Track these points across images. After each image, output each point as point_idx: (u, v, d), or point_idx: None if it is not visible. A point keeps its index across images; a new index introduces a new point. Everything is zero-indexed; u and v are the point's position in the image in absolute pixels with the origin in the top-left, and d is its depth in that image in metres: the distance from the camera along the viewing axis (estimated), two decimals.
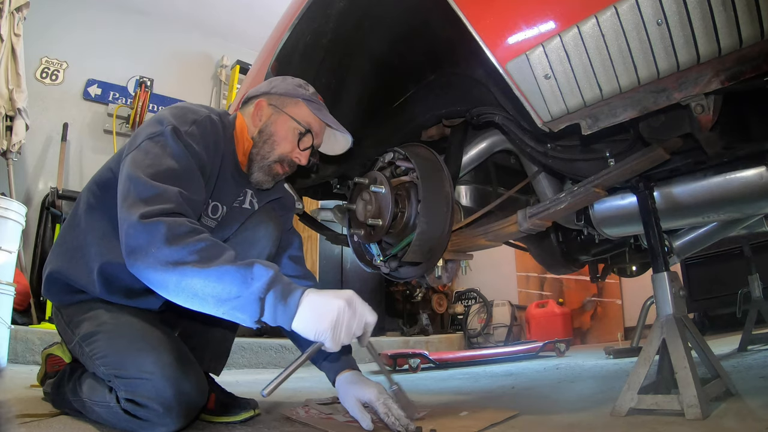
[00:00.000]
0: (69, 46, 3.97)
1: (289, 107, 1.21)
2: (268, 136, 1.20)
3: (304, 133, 1.21)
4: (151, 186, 0.94)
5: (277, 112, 1.21)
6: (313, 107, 1.22)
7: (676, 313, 1.11)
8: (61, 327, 1.21)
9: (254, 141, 1.21)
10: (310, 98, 1.23)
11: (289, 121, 1.20)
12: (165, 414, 0.99)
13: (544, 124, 1.00)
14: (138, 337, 1.06)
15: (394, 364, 2.78)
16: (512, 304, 4.81)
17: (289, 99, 1.22)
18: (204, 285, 0.86)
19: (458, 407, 1.35)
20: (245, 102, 1.26)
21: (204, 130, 1.09)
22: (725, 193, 1.23)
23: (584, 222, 1.53)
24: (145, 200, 0.92)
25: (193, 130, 1.07)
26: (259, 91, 1.25)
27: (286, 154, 1.21)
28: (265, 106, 1.22)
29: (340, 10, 1.28)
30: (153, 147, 1.01)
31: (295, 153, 1.21)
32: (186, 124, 1.06)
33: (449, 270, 1.48)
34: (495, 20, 0.96)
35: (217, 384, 1.31)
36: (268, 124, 1.20)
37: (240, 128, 1.22)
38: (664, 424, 0.95)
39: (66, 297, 1.19)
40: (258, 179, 1.22)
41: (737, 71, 0.80)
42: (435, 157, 1.36)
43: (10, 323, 2.07)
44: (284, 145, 1.20)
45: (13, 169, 3.22)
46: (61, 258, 1.18)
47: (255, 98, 1.24)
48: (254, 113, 1.22)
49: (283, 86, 1.23)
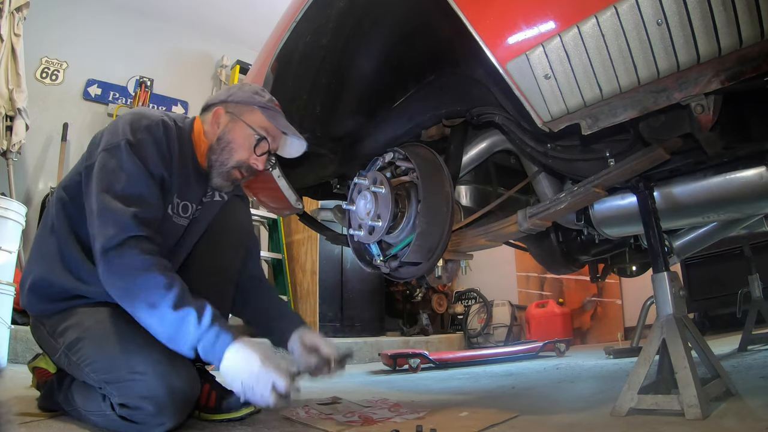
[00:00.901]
0: (69, 46, 3.96)
1: (246, 115, 1.26)
2: (226, 143, 1.25)
3: (259, 140, 1.26)
4: (111, 214, 1.05)
5: (234, 120, 1.26)
6: (268, 114, 1.27)
7: (676, 313, 1.11)
8: (43, 339, 1.19)
9: (212, 148, 1.26)
10: (265, 105, 1.27)
11: (246, 128, 1.25)
12: (159, 413, 1.00)
13: (544, 124, 1.00)
14: (124, 339, 1.06)
15: (394, 364, 2.78)
16: (512, 304, 4.81)
17: (245, 107, 1.27)
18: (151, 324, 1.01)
19: (458, 407, 1.35)
20: (204, 109, 1.31)
21: (156, 133, 1.16)
22: (725, 193, 1.23)
23: (584, 222, 1.53)
24: (107, 228, 1.03)
25: (145, 136, 1.14)
26: (217, 99, 1.30)
27: (244, 161, 1.26)
28: (222, 113, 1.27)
29: (340, 10, 1.28)
30: (109, 160, 1.10)
31: (252, 159, 1.26)
32: (139, 131, 1.14)
33: (449, 270, 1.48)
34: (495, 20, 0.96)
35: (217, 382, 1.31)
36: (226, 132, 1.26)
37: (198, 131, 1.28)
38: (664, 424, 0.95)
39: (48, 306, 1.17)
40: (218, 184, 1.29)
41: (737, 71, 0.80)
42: (435, 157, 1.36)
43: (10, 323, 2.07)
44: (241, 152, 1.25)
45: (13, 169, 3.21)
46: (43, 265, 1.17)
47: (213, 106, 1.29)
48: (212, 121, 1.27)
49: (240, 94, 1.28)
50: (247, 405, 1.24)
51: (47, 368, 1.32)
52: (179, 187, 1.23)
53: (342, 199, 1.85)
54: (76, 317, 1.13)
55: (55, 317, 1.16)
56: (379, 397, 1.56)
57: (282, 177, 1.58)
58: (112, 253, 1.02)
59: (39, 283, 1.16)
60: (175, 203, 1.24)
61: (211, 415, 1.23)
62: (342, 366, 1.28)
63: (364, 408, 1.36)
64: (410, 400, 1.56)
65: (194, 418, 1.25)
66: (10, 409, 1.20)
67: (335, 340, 3.52)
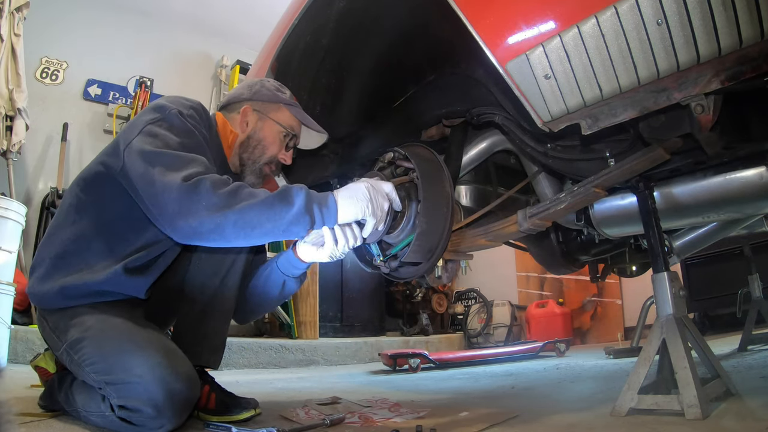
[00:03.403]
0: (69, 46, 3.96)
1: (273, 113, 1.31)
2: (257, 142, 1.30)
3: (290, 137, 1.32)
4: (179, 155, 1.03)
5: (263, 119, 1.30)
6: (294, 111, 1.33)
7: (676, 313, 1.11)
8: (46, 334, 1.18)
9: (242, 145, 1.30)
10: (289, 102, 1.33)
11: (275, 125, 1.30)
12: (158, 416, 0.99)
13: (544, 124, 1.00)
14: (125, 339, 1.06)
15: (394, 364, 2.78)
16: (512, 304, 4.81)
17: (272, 105, 1.31)
18: (259, 215, 0.98)
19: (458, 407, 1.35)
20: (225, 106, 1.34)
21: (200, 114, 1.19)
22: (725, 193, 1.23)
23: (584, 222, 1.53)
24: (178, 167, 1.00)
25: (192, 113, 1.16)
26: (241, 96, 1.32)
27: (275, 156, 1.31)
28: (250, 112, 1.30)
29: (340, 10, 1.28)
30: (158, 130, 1.07)
31: (281, 154, 1.32)
32: (185, 108, 1.15)
33: (449, 270, 1.48)
34: (495, 20, 0.95)
35: (217, 384, 1.31)
36: (256, 131, 1.30)
37: (222, 124, 1.29)
38: (664, 424, 0.96)
39: (54, 299, 1.14)
40: (251, 182, 1.30)
41: (737, 71, 0.80)
42: (435, 157, 1.36)
43: (10, 323, 2.07)
44: (272, 148, 1.31)
45: (13, 169, 3.21)
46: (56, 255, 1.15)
47: (238, 103, 1.31)
48: (241, 120, 1.30)
49: (265, 92, 1.32)
50: (247, 408, 1.24)
51: (47, 368, 1.32)
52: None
53: None
54: (79, 316, 1.11)
55: (58, 313, 1.14)
56: (379, 397, 1.56)
57: (282, 177, 1.58)
58: (185, 189, 0.96)
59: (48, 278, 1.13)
60: None
61: (211, 416, 1.23)
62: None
63: (364, 408, 1.36)
64: (410, 400, 1.56)
65: (194, 418, 1.25)
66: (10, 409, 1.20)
67: (335, 341, 3.53)
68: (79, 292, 1.12)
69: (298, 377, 2.53)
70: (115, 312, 1.12)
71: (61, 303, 1.13)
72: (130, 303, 1.17)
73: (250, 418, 1.24)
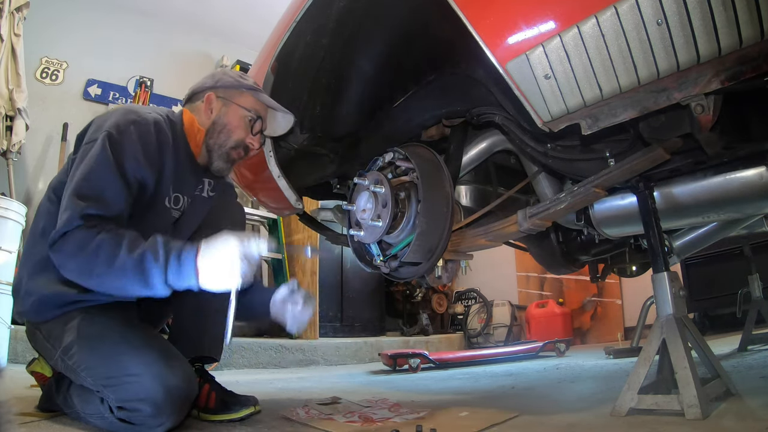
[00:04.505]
0: (69, 46, 3.96)
1: (236, 98, 1.31)
2: (222, 127, 1.30)
3: (254, 119, 1.32)
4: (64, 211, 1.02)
5: (227, 104, 1.31)
6: (257, 95, 1.33)
7: (676, 313, 1.11)
8: (39, 344, 1.18)
9: (209, 132, 1.30)
10: (252, 86, 1.33)
11: (239, 110, 1.31)
12: (157, 414, 0.99)
13: (544, 124, 1.00)
14: (119, 341, 1.06)
15: (394, 364, 2.78)
16: (512, 304, 4.80)
17: (235, 90, 1.32)
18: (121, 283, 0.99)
19: (458, 407, 1.35)
20: (189, 98, 1.34)
21: (143, 129, 1.15)
22: (725, 193, 1.23)
23: (584, 222, 1.53)
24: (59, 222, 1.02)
25: (131, 129, 1.13)
26: (204, 86, 1.33)
27: (241, 140, 1.31)
28: (214, 99, 1.30)
29: (340, 9, 1.28)
30: (85, 153, 1.09)
31: (248, 138, 1.32)
32: (125, 124, 1.13)
33: (449, 270, 1.48)
34: (495, 20, 0.95)
35: (218, 383, 1.31)
36: (221, 116, 1.30)
37: (189, 122, 1.29)
38: (664, 424, 0.95)
39: (45, 313, 1.15)
40: (219, 167, 1.32)
41: (737, 71, 0.80)
42: (435, 157, 1.36)
43: (10, 323, 2.07)
44: (238, 132, 1.30)
45: (13, 169, 3.21)
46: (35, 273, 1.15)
47: (201, 92, 1.32)
48: (205, 108, 1.30)
49: (227, 79, 1.33)
50: (247, 405, 1.24)
51: (43, 372, 1.32)
52: (174, 181, 1.23)
53: (342, 199, 1.85)
54: (71, 322, 1.11)
55: (51, 323, 1.14)
56: (379, 397, 1.56)
57: (282, 177, 1.58)
58: (59, 242, 1.00)
59: (32, 292, 1.14)
60: (171, 196, 1.25)
61: (211, 415, 1.23)
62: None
63: (364, 408, 1.36)
64: (410, 400, 1.56)
65: (194, 418, 1.25)
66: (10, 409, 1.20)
67: (335, 341, 3.53)
68: (68, 299, 1.12)
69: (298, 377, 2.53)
70: (108, 314, 1.12)
71: (54, 312, 1.13)
72: (122, 305, 1.17)
73: (250, 416, 1.24)
